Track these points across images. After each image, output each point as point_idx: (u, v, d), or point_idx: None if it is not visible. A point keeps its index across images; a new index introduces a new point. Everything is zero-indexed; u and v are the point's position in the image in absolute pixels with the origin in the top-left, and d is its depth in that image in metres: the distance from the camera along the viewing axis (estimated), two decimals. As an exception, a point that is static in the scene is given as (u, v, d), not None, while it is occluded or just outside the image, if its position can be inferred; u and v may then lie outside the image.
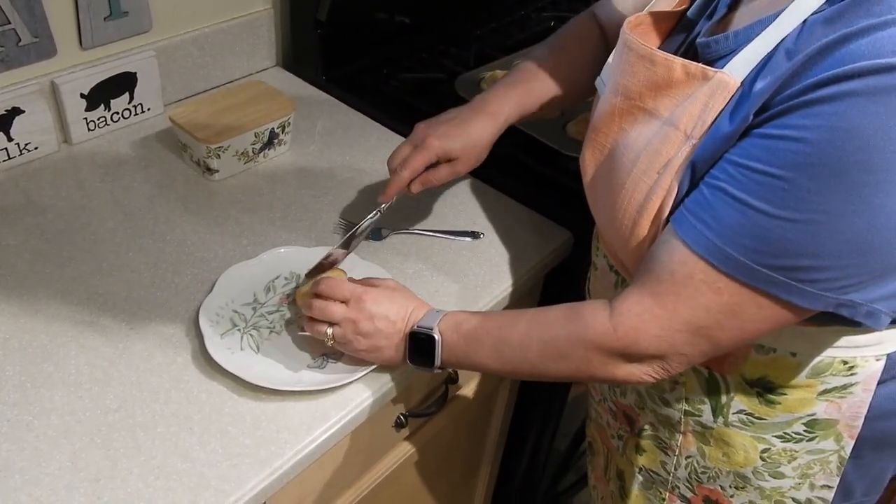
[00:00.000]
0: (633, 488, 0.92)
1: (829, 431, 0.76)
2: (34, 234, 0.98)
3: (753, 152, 0.59)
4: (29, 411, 0.78)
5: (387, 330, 0.80)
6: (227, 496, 0.73)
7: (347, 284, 0.83)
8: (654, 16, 0.76)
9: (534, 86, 0.95)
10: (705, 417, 0.79)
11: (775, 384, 0.74)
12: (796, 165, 0.56)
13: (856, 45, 0.54)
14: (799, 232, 0.58)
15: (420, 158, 0.91)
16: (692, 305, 0.64)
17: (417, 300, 0.84)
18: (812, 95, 0.55)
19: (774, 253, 0.59)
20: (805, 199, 0.57)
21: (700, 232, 0.62)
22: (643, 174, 0.69)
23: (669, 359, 0.68)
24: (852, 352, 0.71)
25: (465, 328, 0.78)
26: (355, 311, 0.80)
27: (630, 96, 0.71)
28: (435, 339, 0.78)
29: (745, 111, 0.60)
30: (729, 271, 0.61)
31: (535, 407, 1.30)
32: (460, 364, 0.80)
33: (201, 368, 0.84)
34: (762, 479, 0.80)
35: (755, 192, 0.59)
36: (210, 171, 1.09)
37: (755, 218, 0.59)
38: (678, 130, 0.66)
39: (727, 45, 0.67)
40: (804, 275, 0.59)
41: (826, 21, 0.57)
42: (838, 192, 0.55)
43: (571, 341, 0.72)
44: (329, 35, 1.31)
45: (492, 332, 0.77)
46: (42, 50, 1.06)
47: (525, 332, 0.75)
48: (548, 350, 0.74)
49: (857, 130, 0.53)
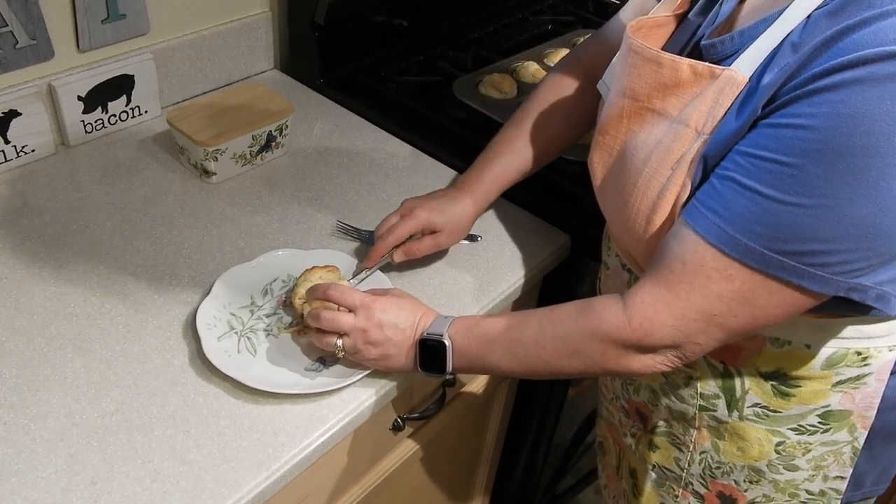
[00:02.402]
0: (646, 486, 0.92)
1: (843, 423, 0.77)
2: (31, 237, 0.98)
3: (761, 141, 0.61)
4: (25, 414, 0.77)
5: (396, 338, 0.80)
6: (225, 499, 0.72)
7: (356, 292, 0.83)
8: (655, 20, 0.77)
9: (511, 158, 0.99)
10: (720, 412, 0.80)
11: (790, 376, 0.75)
12: (803, 152, 0.58)
13: (858, 35, 0.55)
14: (808, 217, 0.59)
15: (406, 227, 0.94)
16: (705, 293, 0.65)
17: (425, 307, 0.84)
18: (817, 84, 0.57)
19: (785, 238, 0.60)
20: (813, 184, 0.58)
21: (710, 220, 0.64)
22: (655, 172, 0.70)
23: (684, 347, 0.69)
24: (866, 342, 0.73)
25: (475, 332, 0.79)
26: (364, 319, 0.80)
27: (637, 98, 0.72)
28: (445, 344, 0.79)
29: (754, 105, 0.62)
30: (740, 258, 0.62)
31: (533, 408, 1.30)
32: (473, 368, 0.81)
33: (198, 371, 0.83)
34: (776, 473, 0.81)
35: (764, 179, 0.60)
36: (207, 174, 1.09)
37: (764, 205, 0.60)
38: (689, 128, 0.67)
39: (732, 45, 0.68)
40: (814, 259, 0.60)
41: (830, 14, 0.59)
42: (845, 176, 0.57)
43: (585, 336, 0.73)
44: (327, 38, 1.31)
45: (503, 333, 0.77)
46: (39, 52, 1.06)
47: (538, 331, 0.76)
48: (562, 347, 0.74)
49: (861, 116, 0.55)
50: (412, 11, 1.45)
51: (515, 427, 1.35)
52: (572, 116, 0.98)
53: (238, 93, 1.16)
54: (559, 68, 1.02)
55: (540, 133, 0.99)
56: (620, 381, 0.93)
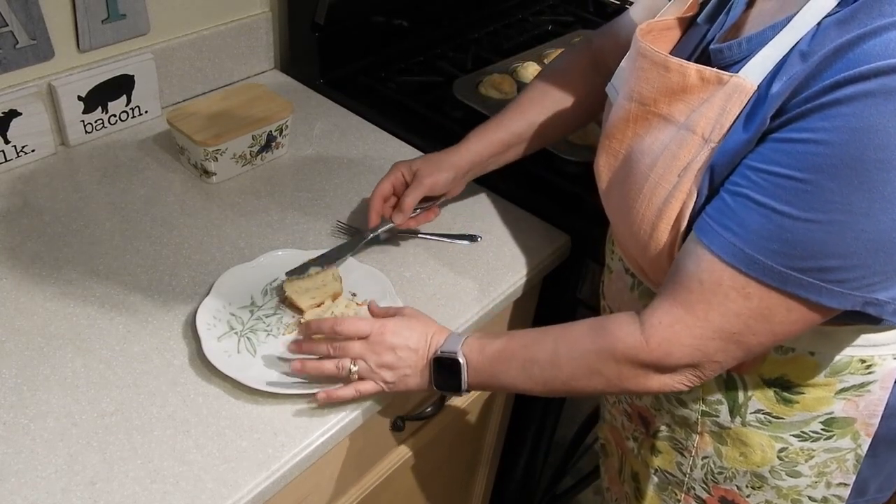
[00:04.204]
0: (648, 489, 0.92)
1: (847, 430, 0.76)
2: (31, 237, 0.98)
3: (774, 157, 0.60)
4: (25, 414, 0.77)
5: (410, 359, 0.81)
6: (225, 499, 0.72)
7: (366, 321, 0.82)
8: (664, 23, 0.76)
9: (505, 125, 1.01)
10: (723, 417, 0.80)
11: (793, 383, 0.75)
12: (817, 167, 0.57)
13: (869, 46, 0.55)
14: (825, 233, 0.58)
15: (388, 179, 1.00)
16: (723, 312, 0.65)
17: (436, 325, 0.84)
18: (829, 97, 0.56)
19: (802, 255, 0.60)
20: (828, 199, 0.57)
21: (726, 239, 0.63)
22: (661, 178, 0.69)
23: (703, 366, 0.69)
24: (870, 350, 0.72)
25: (489, 350, 0.78)
26: (377, 345, 0.80)
27: (644, 102, 0.72)
28: (460, 362, 0.79)
29: (763, 115, 0.61)
30: (758, 276, 0.62)
31: (533, 408, 1.30)
32: (488, 385, 0.81)
33: (198, 371, 0.83)
34: (779, 479, 0.80)
35: (779, 196, 0.60)
36: (207, 174, 1.09)
37: (780, 221, 0.60)
38: (695, 135, 0.67)
39: (740, 51, 0.67)
40: (832, 275, 0.60)
41: (839, 22, 0.58)
42: (860, 191, 0.56)
43: (602, 356, 0.72)
44: (327, 38, 1.31)
45: (518, 352, 0.77)
46: (40, 52, 1.06)
47: (553, 351, 0.75)
48: (579, 367, 0.74)
49: (874, 130, 0.54)
50: (412, 11, 1.45)
51: (515, 427, 1.35)
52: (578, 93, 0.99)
53: (238, 93, 1.16)
54: (568, 52, 1.02)
55: (540, 106, 0.99)
56: None
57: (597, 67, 0.97)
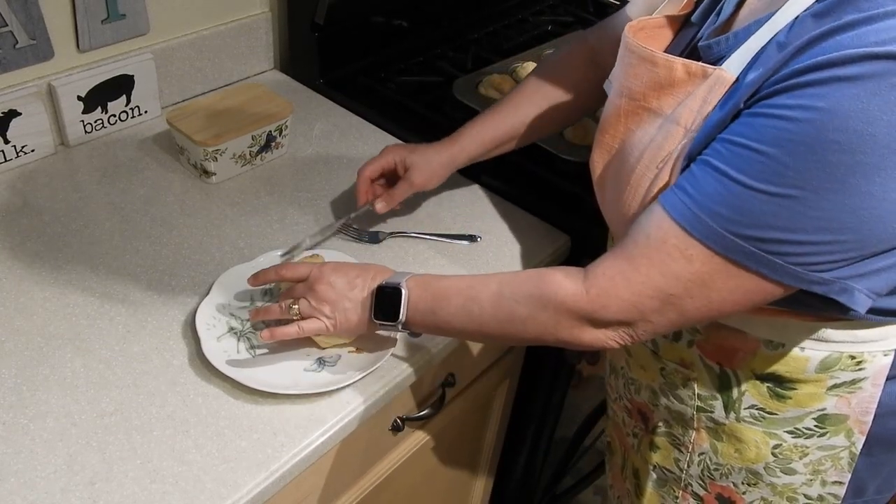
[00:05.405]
0: (647, 486, 0.93)
1: (840, 427, 0.77)
2: (30, 237, 0.98)
3: (739, 129, 0.62)
4: (24, 414, 0.78)
5: (349, 292, 0.81)
6: (224, 499, 0.72)
7: (305, 264, 0.84)
8: (657, 21, 0.78)
9: (498, 121, 1.01)
10: (717, 413, 0.80)
11: (785, 379, 0.76)
12: (777, 141, 0.59)
13: (842, 37, 0.57)
14: (773, 205, 0.60)
15: (379, 160, 1.01)
16: (663, 272, 0.66)
17: (380, 266, 0.84)
18: (798, 80, 0.58)
19: (747, 223, 0.61)
20: (783, 174, 0.59)
21: (679, 199, 0.65)
22: (646, 170, 0.70)
23: (636, 325, 0.69)
24: (860, 346, 0.73)
25: (434, 286, 0.79)
26: (317, 282, 0.81)
27: (634, 97, 0.73)
28: (402, 291, 0.78)
29: (736, 99, 0.63)
30: (701, 237, 0.63)
31: (533, 407, 1.30)
32: (425, 323, 0.79)
33: (198, 371, 0.83)
34: (774, 476, 0.81)
35: (737, 165, 0.61)
36: (207, 174, 1.09)
37: (732, 188, 0.61)
38: (679, 126, 0.68)
39: (727, 46, 0.69)
40: (774, 247, 0.61)
41: (816, 15, 0.60)
42: (814, 170, 0.57)
43: (542, 302, 0.72)
44: (326, 38, 1.31)
45: (462, 290, 0.77)
46: (39, 52, 1.06)
47: (496, 292, 0.75)
48: (518, 310, 0.74)
49: (837, 112, 0.56)
50: (412, 12, 1.45)
51: (515, 426, 1.35)
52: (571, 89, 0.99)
53: (238, 93, 1.16)
54: (564, 46, 1.03)
55: (533, 101, 1.00)
56: (623, 381, 0.94)
57: (595, 63, 0.98)
